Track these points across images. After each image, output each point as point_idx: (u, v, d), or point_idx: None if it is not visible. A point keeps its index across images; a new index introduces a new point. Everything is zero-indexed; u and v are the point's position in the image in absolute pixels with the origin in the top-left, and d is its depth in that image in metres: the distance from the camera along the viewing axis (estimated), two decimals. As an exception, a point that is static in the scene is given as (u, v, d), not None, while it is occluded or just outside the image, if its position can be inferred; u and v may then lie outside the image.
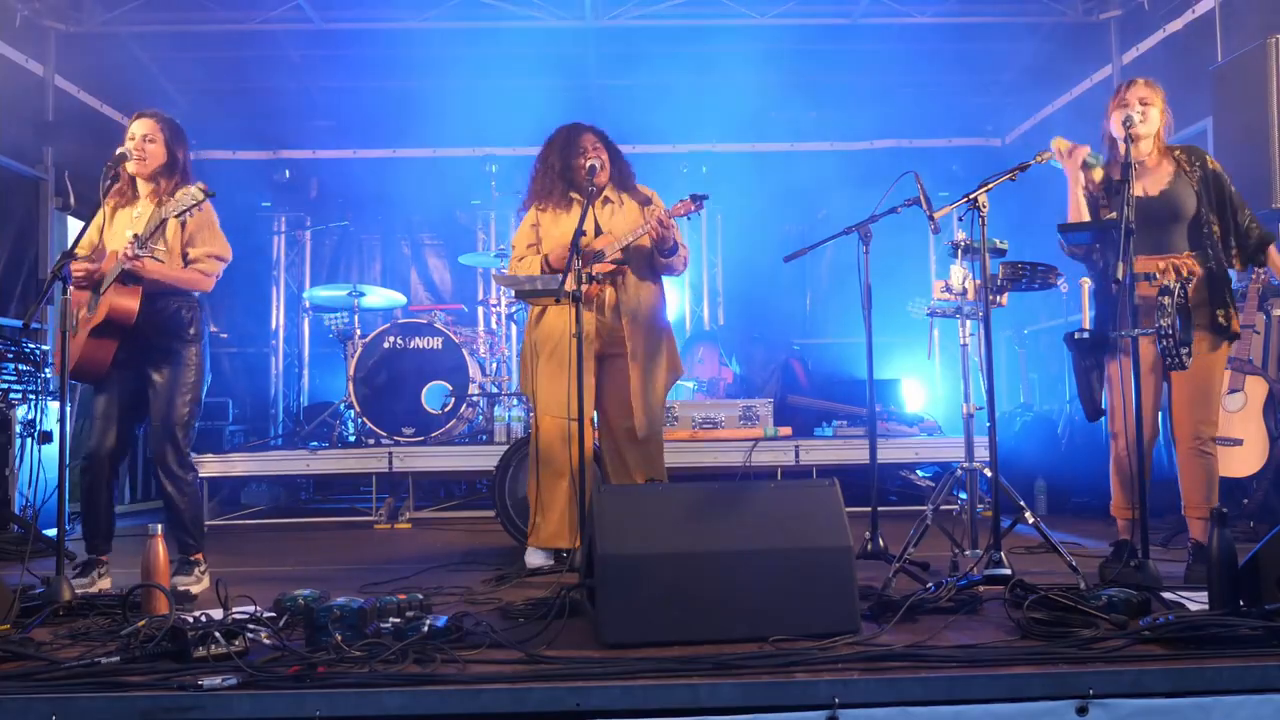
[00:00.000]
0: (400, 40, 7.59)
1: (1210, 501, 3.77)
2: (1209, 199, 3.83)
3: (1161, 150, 3.91)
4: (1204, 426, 3.78)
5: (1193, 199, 3.82)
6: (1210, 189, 3.84)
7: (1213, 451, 3.80)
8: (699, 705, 2.37)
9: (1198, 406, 3.78)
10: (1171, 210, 3.81)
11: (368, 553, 5.15)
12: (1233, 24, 5.89)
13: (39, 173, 7.00)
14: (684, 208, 4.27)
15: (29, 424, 5.41)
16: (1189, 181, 3.83)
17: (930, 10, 7.36)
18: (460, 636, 2.80)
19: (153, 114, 4.05)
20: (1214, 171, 3.87)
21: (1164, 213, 3.80)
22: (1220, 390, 3.88)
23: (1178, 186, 3.83)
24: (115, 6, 7.12)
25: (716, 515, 2.98)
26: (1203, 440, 3.78)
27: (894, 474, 6.65)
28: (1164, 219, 3.80)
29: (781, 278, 8.48)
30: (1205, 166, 3.87)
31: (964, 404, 3.79)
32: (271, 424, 8.66)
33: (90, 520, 3.96)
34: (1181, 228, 3.83)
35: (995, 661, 2.52)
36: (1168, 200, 3.82)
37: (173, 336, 3.97)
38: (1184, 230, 3.83)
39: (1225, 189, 3.86)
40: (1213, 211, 3.83)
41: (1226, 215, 3.86)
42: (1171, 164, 3.89)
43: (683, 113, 8.14)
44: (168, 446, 3.93)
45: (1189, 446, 3.79)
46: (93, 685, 2.43)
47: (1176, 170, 3.87)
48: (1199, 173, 3.85)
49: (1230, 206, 3.85)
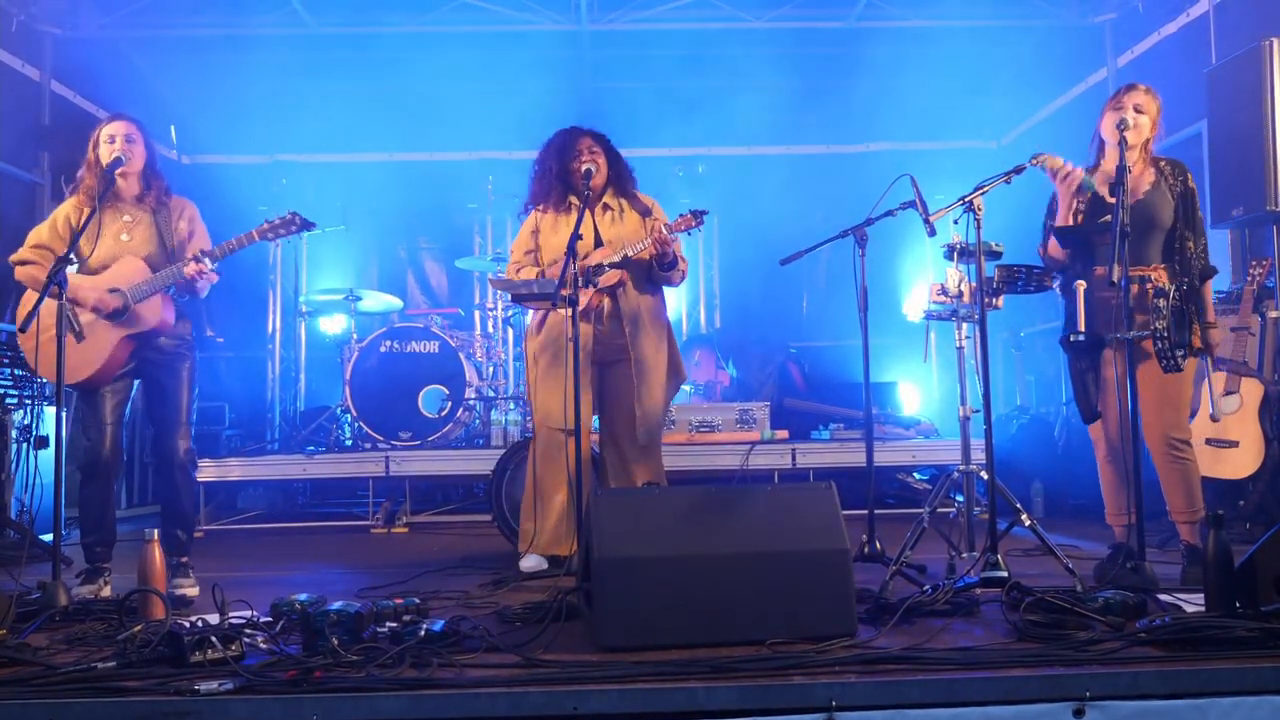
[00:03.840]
0: (396, 45, 7.60)
1: (1193, 504, 3.80)
2: (1184, 214, 3.84)
3: (1146, 160, 3.92)
4: (1174, 431, 3.80)
5: (1170, 211, 3.83)
6: (1186, 205, 3.85)
7: (1188, 455, 3.80)
8: (696, 708, 2.37)
9: (1166, 412, 3.79)
10: (1147, 220, 3.81)
11: (364, 557, 5.14)
12: (1227, 27, 5.91)
13: (35, 177, 6.98)
14: (684, 224, 4.28)
15: (25, 429, 5.40)
16: (1168, 193, 3.84)
17: (926, 14, 7.38)
18: (457, 640, 2.80)
19: (125, 115, 4.07)
20: (1192, 190, 3.88)
21: (1140, 222, 3.79)
22: (1187, 399, 3.89)
23: (1156, 197, 3.84)
24: (111, 11, 7.12)
25: (714, 518, 2.98)
26: (1175, 445, 3.79)
27: (891, 477, 6.65)
28: (1139, 228, 3.78)
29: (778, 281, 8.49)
30: (1186, 183, 3.88)
31: (960, 406, 3.80)
32: (268, 428, 8.63)
33: (96, 528, 3.95)
34: (1156, 238, 3.84)
35: (992, 664, 2.52)
36: (1145, 209, 3.82)
37: (178, 339, 4.04)
38: (1159, 241, 3.85)
39: (1195, 211, 3.87)
40: (1187, 227, 3.84)
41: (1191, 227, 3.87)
42: (1154, 174, 3.89)
43: (679, 116, 8.14)
44: (179, 442, 3.98)
45: (1162, 452, 3.81)
46: (89, 690, 2.43)
47: (1157, 180, 3.87)
48: (1180, 187, 3.86)
49: (1190, 227, 3.85)
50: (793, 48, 7.64)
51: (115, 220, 4.01)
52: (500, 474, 5.10)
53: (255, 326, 9.03)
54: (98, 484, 3.93)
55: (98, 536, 3.95)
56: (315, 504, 7.59)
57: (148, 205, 4.03)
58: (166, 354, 4.01)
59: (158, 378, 4.02)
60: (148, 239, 3.99)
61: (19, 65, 6.81)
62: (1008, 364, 8.02)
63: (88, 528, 3.95)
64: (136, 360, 4.00)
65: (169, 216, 4.05)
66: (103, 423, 3.94)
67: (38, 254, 3.98)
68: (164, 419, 4.03)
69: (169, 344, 4.01)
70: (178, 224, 4.06)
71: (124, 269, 3.91)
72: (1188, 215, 3.85)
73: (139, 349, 3.98)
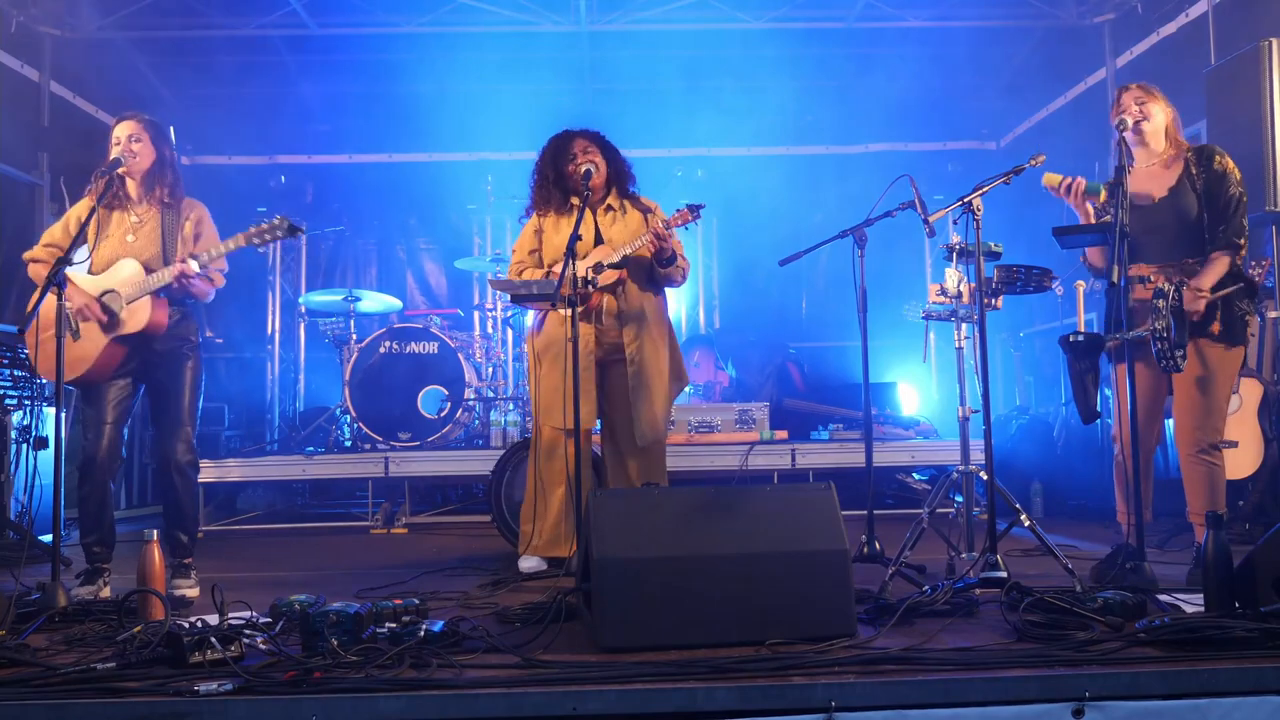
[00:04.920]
0: (395, 45, 7.61)
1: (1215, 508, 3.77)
2: (1208, 201, 3.76)
3: (1177, 149, 3.86)
4: (1202, 433, 3.75)
5: (1194, 205, 3.78)
6: (1210, 191, 3.76)
7: (1216, 459, 3.75)
8: (696, 709, 2.37)
9: (1198, 413, 3.75)
10: (1174, 217, 3.79)
11: (364, 558, 5.14)
12: (1226, 27, 5.91)
13: (34, 178, 6.99)
14: (681, 218, 4.27)
15: (24, 430, 5.40)
16: (1193, 186, 3.79)
17: (925, 14, 7.38)
18: (457, 641, 2.80)
19: (134, 115, 4.06)
20: (1218, 172, 3.77)
21: (1168, 219, 3.78)
22: (1226, 398, 3.80)
23: (1181, 192, 3.80)
24: (110, 12, 7.12)
25: (713, 519, 2.98)
26: (1202, 446, 3.75)
27: (890, 477, 6.65)
28: (1167, 225, 3.78)
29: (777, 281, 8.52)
30: (1210, 167, 3.78)
31: (960, 407, 3.80)
32: (268, 429, 8.64)
33: (95, 528, 3.95)
34: (1185, 234, 3.80)
35: (991, 664, 2.52)
36: (1170, 207, 3.80)
37: (180, 341, 4.03)
38: (1188, 237, 3.80)
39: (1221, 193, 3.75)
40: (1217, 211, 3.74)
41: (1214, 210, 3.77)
42: (1181, 166, 3.84)
43: (678, 117, 8.15)
44: (179, 444, 3.97)
45: (1188, 453, 3.77)
46: (89, 691, 2.43)
47: (1183, 174, 3.82)
48: (1204, 175, 3.79)
49: (1216, 209, 3.75)
50: (792, 48, 7.64)
51: (124, 221, 4.00)
52: (500, 475, 5.10)
53: (255, 327, 9.03)
54: (93, 483, 3.92)
55: (96, 537, 3.94)
56: (315, 505, 7.59)
57: (155, 206, 4.02)
58: (167, 356, 4.00)
59: (158, 379, 4.01)
60: (151, 240, 3.98)
61: (18, 66, 6.82)
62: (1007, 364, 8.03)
63: (86, 527, 3.95)
64: (136, 361, 3.99)
65: (176, 218, 4.03)
66: (101, 422, 3.94)
67: (48, 252, 4.00)
68: (163, 422, 4.02)
69: (170, 345, 3.99)
70: (184, 226, 4.04)
71: (121, 271, 3.91)
72: (1212, 201, 3.75)
73: (136, 350, 3.96)
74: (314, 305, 7.90)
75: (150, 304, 3.89)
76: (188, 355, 4.04)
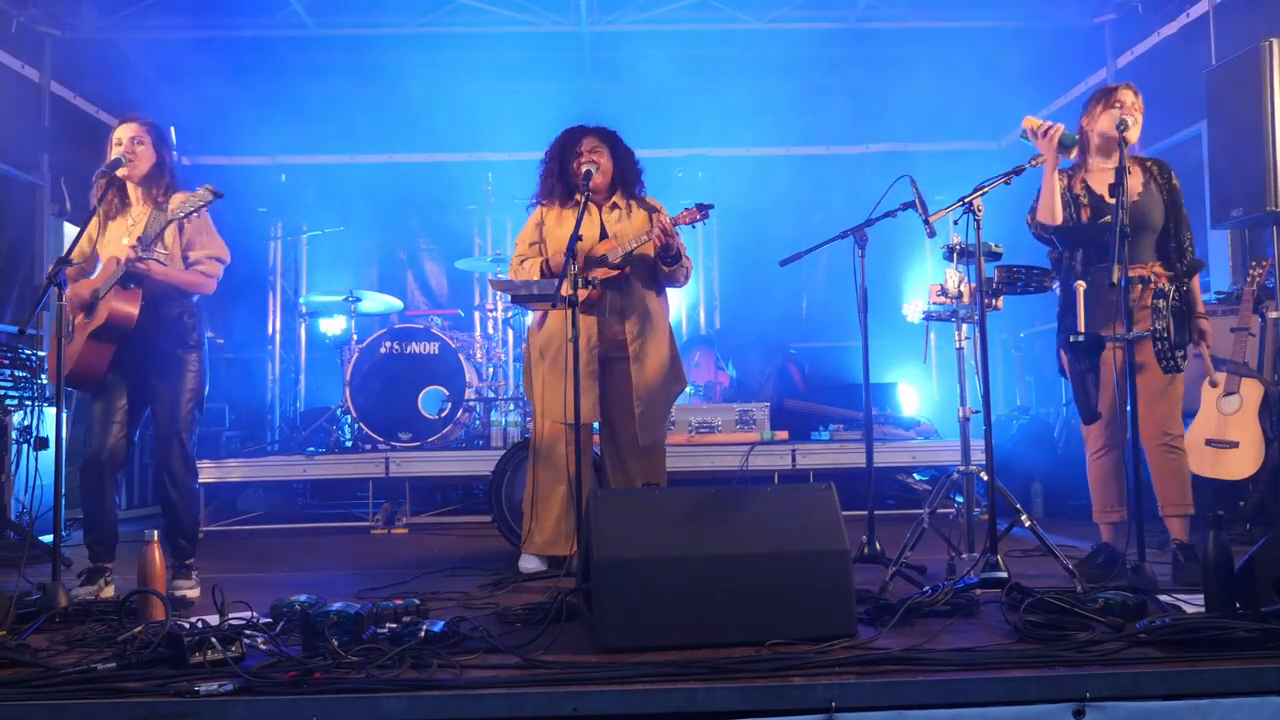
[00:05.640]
0: (396, 46, 7.60)
1: (1185, 497, 3.84)
2: (1173, 212, 3.92)
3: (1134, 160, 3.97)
4: (1169, 424, 3.85)
5: (1161, 211, 3.91)
6: (1174, 203, 3.93)
7: (1180, 447, 3.87)
8: (696, 709, 2.37)
9: (1161, 404, 3.84)
10: (1142, 220, 3.87)
11: (364, 558, 5.14)
12: (1227, 27, 5.91)
13: (35, 179, 6.99)
14: (688, 216, 4.26)
15: (25, 430, 5.41)
16: (1158, 193, 3.92)
17: (926, 15, 7.38)
18: (457, 641, 2.80)
19: (136, 118, 4.06)
20: (1176, 188, 3.97)
21: (1135, 223, 3.83)
22: (1181, 394, 3.92)
23: (1148, 198, 3.91)
24: (111, 13, 7.12)
25: (713, 519, 2.98)
26: (1170, 437, 3.85)
27: (891, 477, 6.65)
28: (1135, 229, 3.82)
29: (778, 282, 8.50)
30: (1171, 181, 3.96)
31: (960, 407, 3.80)
32: (268, 429, 8.64)
33: (94, 527, 3.94)
34: (1150, 238, 3.91)
35: (992, 664, 2.52)
36: (1139, 211, 3.88)
37: (176, 343, 3.98)
38: (1152, 241, 3.91)
39: (1180, 207, 3.95)
40: (1179, 224, 3.92)
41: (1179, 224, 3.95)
42: (1143, 173, 3.96)
43: (679, 117, 8.15)
44: (175, 450, 3.94)
45: (1158, 444, 3.85)
46: (89, 691, 2.43)
47: (1147, 180, 3.94)
48: (1167, 188, 3.94)
49: (1179, 224, 3.94)
50: (793, 48, 7.64)
51: (124, 223, 4.00)
52: (500, 475, 5.10)
53: (255, 327, 9.03)
54: (92, 481, 3.91)
55: (96, 535, 3.94)
56: (315, 505, 7.59)
57: (149, 205, 4.02)
58: (161, 358, 3.95)
59: (152, 383, 3.96)
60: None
61: (19, 66, 6.82)
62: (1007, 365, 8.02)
63: (86, 525, 3.96)
64: (127, 360, 3.93)
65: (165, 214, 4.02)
66: (101, 421, 3.93)
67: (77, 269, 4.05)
68: (157, 423, 3.98)
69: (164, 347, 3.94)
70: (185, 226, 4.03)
71: (104, 270, 3.91)
72: (1177, 212, 3.93)
73: (124, 348, 3.90)
74: (315, 305, 7.91)
75: (114, 294, 3.83)
76: (184, 358, 3.98)
